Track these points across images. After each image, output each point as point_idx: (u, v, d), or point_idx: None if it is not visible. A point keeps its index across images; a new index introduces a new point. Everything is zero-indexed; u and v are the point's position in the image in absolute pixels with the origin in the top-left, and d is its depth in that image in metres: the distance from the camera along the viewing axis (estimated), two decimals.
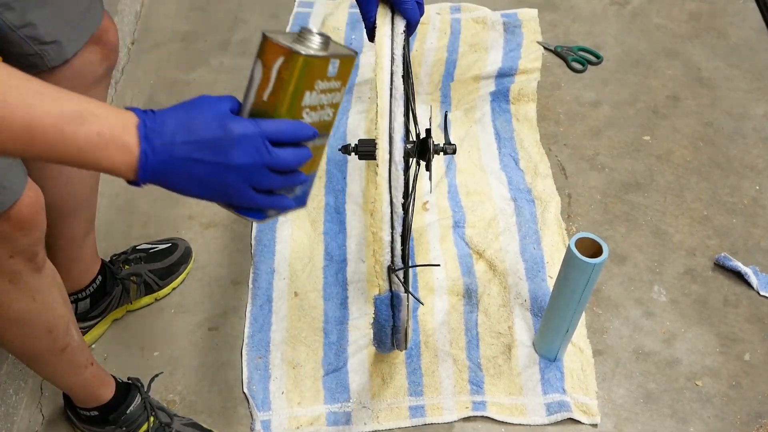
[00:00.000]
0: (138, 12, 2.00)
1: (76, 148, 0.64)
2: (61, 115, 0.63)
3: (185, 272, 1.45)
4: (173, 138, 0.68)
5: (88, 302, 1.31)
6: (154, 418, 1.19)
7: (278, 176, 0.73)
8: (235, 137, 0.70)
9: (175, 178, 0.69)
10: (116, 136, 0.65)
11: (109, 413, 1.16)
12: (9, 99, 0.61)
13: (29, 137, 0.62)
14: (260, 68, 0.75)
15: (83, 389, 1.13)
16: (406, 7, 0.99)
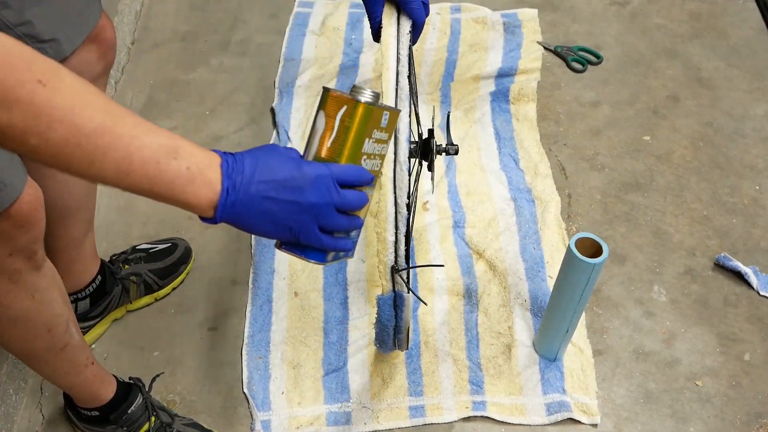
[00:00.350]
0: (138, 12, 2.00)
1: (167, 181, 0.67)
2: (159, 148, 0.66)
3: (185, 272, 1.45)
4: (252, 177, 0.72)
5: (87, 302, 1.31)
6: (155, 418, 1.19)
7: (343, 217, 0.78)
8: (309, 177, 0.75)
9: (250, 215, 0.73)
10: (203, 172, 0.69)
11: (110, 413, 1.16)
12: (117, 130, 0.63)
13: (128, 167, 0.64)
14: (323, 118, 0.82)
15: (84, 388, 1.13)
16: (413, 7, 1.00)
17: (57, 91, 0.59)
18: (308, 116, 1.72)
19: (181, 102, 1.79)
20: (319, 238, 0.77)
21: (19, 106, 0.57)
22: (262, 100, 1.79)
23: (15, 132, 0.59)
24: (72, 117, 0.60)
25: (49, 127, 0.59)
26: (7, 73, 0.57)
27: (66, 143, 0.61)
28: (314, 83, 1.80)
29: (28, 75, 0.58)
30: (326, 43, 1.90)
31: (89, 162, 0.63)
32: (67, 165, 0.63)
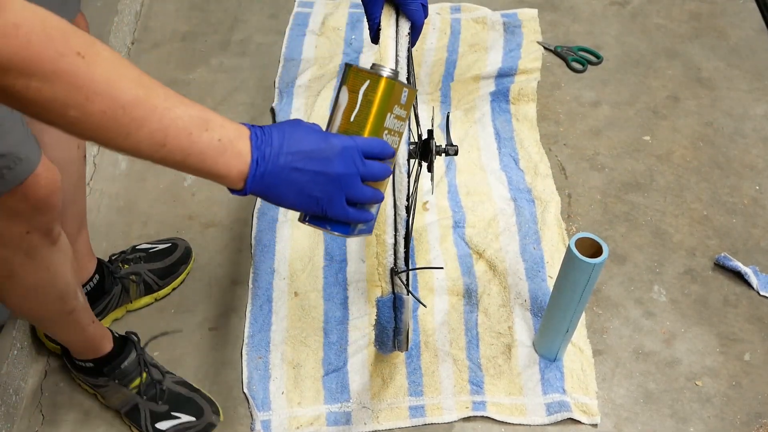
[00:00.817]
0: (138, 12, 2.00)
1: (198, 152, 0.68)
2: (191, 120, 0.67)
3: (185, 272, 1.45)
4: (280, 149, 0.73)
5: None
6: (147, 374, 1.23)
7: (368, 188, 0.79)
8: (336, 148, 0.76)
9: (279, 186, 0.74)
10: (233, 144, 0.70)
11: (103, 365, 1.21)
12: (151, 101, 0.64)
13: (162, 138, 0.65)
14: (346, 93, 0.83)
15: (85, 344, 1.19)
16: (412, 9, 1.00)
17: (95, 64, 0.60)
18: (308, 116, 1.72)
19: None
20: (345, 209, 0.78)
21: (60, 78, 0.58)
22: (262, 100, 1.79)
23: (56, 105, 0.59)
24: (109, 89, 0.61)
25: (88, 99, 0.60)
26: (47, 45, 0.57)
27: (103, 115, 0.62)
28: (314, 83, 1.80)
29: (67, 47, 0.58)
30: (326, 43, 1.90)
31: (125, 134, 0.64)
32: (104, 137, 0.64)
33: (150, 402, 1.22)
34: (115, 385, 1.21)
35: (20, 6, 0.56)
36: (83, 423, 1.27)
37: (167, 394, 1.24)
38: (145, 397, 1.22)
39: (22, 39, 0.56)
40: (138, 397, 1.22)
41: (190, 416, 1.23)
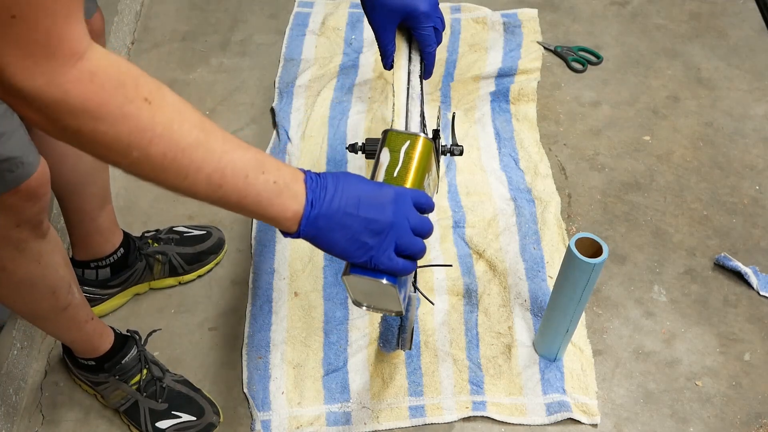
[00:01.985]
0: (138, 12, 2.00)
1: (255, 194, 0.70)
2: (247, 163, 0.69)
3: (213, 263, 1.47)
4: (334, 193, 0.75)
5: (108, 270, 1.35)
6: (147, 371, 1.24)
7: (419, 240, 0.79)
8: (390, 196, 0.78)
9: (331, 229, 0.75)
10: (289, 186, 0.72)
11: (104, 362, 1.21)
12: (210, 145, 0.66)
13: (219, 180, 0.68)
14: (387, 153, 0.87)
15: (84, 342, 1.19)
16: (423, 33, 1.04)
17: (160, 108, 0.63)
18: (308, 116, 1.72)
19: None
20: (393, 258, 0.78)
21: (127, 121, 0.61)
22: (262, 100, 1.79)
23: (120, 146, 0.62)
24: (171, 132, 0.64)
25: (151, 142, 0.62)
26: (118, 91, 0.60)
27: (164, 157, 0.64)
28: (314, 83, 1.80)
29: (136, 92, 0.61)
30: (326, 43, 1.90)
31: (184, 175, 0.66)
32: (162, 178, 0.66)
33: (150, 400, 1.23)
34: (115, 381, 1.22)
35: (99, 55, 0.59)
36: (83, 422, 1.27)
37: (167, 393, 1.24)
38: (145, 395, 1.23)
39: (97, 86, 0.58)
40: (138, 394, 1.23)
41: (191, 416, 1.23)
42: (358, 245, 0.76)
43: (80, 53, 0.57)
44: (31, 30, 0.54)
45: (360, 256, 0.77)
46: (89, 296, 1.35)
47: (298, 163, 1.63)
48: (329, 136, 1.68)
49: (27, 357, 1.33)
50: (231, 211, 0.72)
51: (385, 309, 0.87)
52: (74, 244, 1.32)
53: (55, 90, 0.57)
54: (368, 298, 0.85)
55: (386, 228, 0.77)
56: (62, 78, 0.56)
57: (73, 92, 0.57)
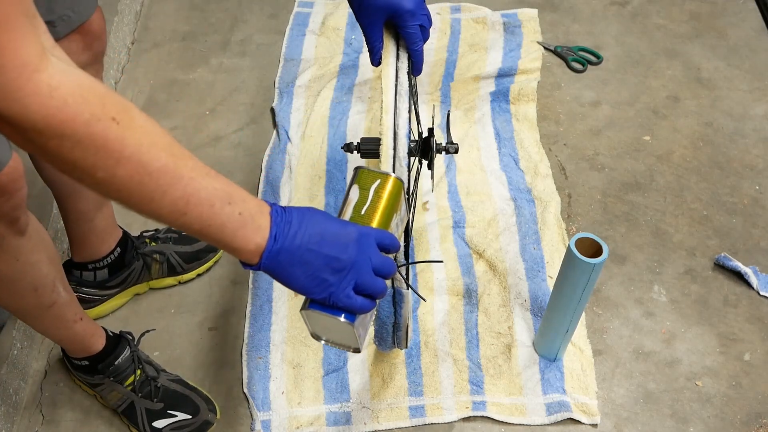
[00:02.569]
0: (138, 12, 2.00)
1: (219, 224, 0.70)
2: (214, 192, 0.69)
3: (212, 261, 1.47)
4: (298, 228, 0.74)
5: (106, 272, 1.35)
6: (141, 371, 1.24)
7: (379, 279, 0.80)
8: (353, 235, 0.78)
9: (292, 265, 0.75)
10: (254, 218, 0.72)
11: (98, 363, 1.21)
12: (178, 171, 0.66)
13: (184, 207, 0.67)
14: (357, 190, 0.87)
15: (73, 342, 1.19)
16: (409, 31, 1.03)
17: (128, 129, 0.62)
18: (308, 116, 1.72)
19: (181, 102, 1.79)
20: (350, 297, 0.78)
21: (93, 141, 0.60)
22: (262, 100, 1.79)
23: (85, 164, 0.61)
24: (139, 155, 0.63)
25: (118, 163, 0.62)
26: (83, 108, 0.58)
27: (130, 179, 0.63)
28: (314, 83, 1.80)
29: (103, 111, 0.60)
30: (326, 43, 1.90)
31: (149, 199, 0.65)
32: (127, 199, 0.65)
33: (145, 400, 1.23)
34: (110, 382, 1.22)
35: (57, 68, 0.58)
36: (83, 422, 1.27)
37: (162, 392, 1.24)
38: (140, 395, 1.23)
39: (57, 101, 0.57)
40: (133, 395, 1.23)
41: (186, 414, 1.24)
42: (318, 281, 0.76)
43: (33, 65, 0.56)
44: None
45: (319, 293, 0.77)
46: (89, 298, 1.35)
47: (298, 163, 1.63)
48: (329, 136, 1.68)
49: (27, 357, 1.33)
50: (194, 236, 0.72)
51: (343, 344, 0.87)
52: (72, 244, 1.32)
53: (13, 104, 0.55)
54: (326, 332, 0.86)
55: (347, 266, 0.77)
56: (19, 92, 0.55)
57: (32, 107, 0.56)
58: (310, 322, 0.84)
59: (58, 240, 1.47)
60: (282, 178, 1.60)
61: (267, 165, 1.64)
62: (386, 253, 0.82)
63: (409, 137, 1.00)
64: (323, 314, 0.80)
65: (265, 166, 1.64)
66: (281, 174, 1.61)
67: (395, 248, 0.83)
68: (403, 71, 1.03)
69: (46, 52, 0.58)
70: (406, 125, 0.98)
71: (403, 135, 0.96)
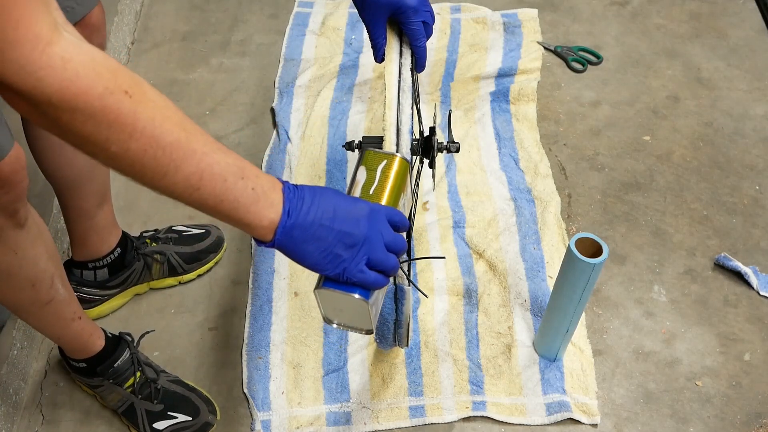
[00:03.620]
0: (138, 12, 2.00)
1: (232, 199, 0.70)
2: (227, 167, 0.69)
3: (212, 262, 1.47)
4: (311, 204, 0.75)
5: (106, 271, 1.34)
6: (141, 373, 1.23)
7: (391, 256, 0.80)
8: (365, 210, 0.78)
9: (305, 240, 0.75)
10: (267, 194, 0.72)
11: (97, 365, 1.20)
12: (191, 145, 0.66)
13: (197, 182, 0.67)
14: (364, 171, 0.88)
15: (71, 341, 1.18)
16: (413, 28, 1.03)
17: (141, 103, 0.62)
18: (308, 116, 1.72)
19: (181, 102, 1.79)
20: (365, 272, 0.78)
21: (106, 114, 0.59)
22: (262, 100, 1.79)
23: (99, 139, 0.61)
24: (152, 129, 0.63)
25: (131, 137, 0.62)
26: (95, 81, 0.58)
27: (144, 153, 0.63)
28: (314, 83, 1.80)
29: (115, 85, 0.60)
30: (326, 43, 1.90)
31: (162, 174, 0.65)
32: (140, 174, 0.65)
33: (145, 401, 1.23)
34: (109, 384, 1.22)
35: (69, 42, 0.58)
36: (83, 422, 1.27)
37: (162, 393, 1.24)
38: (140, 396, 1.23)
39: (71, 73, 0.57)
40: (133, 397, 1.23)
41: (187, 416, 1.23)
42: (331, 257, 0.77)
43: (46, 39, 0.56)
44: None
45: (332, 269, 0.78)
46: (89, 297, 1.35)
47: (298, 163, 1.63)
48: (329, 136, 1.68)
49: (27, 357, 1.33)
50: (207, 214, 0.71)
51: (356, 327, 0.87)
52: (73, 243, 1.32)
53: (27, 77, 0.56)
54: (339, 314, 0.86)
55: (360, 241, 0.77)
56: (33, 65, 0.55)
57: (47, 80, 0.56)
58: (323, 302, 0.84)
59: (58, 240, 1.47)
60: (282, 178, 1.60)
61: (267, 165, 1.64)
62: (396, 230, 0.82)
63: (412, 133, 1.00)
64: (337, 292, 0.79)
65: (265, 166, 1.64)
66: (281, 174, 1.61)
67: (405, 226, 0.83)
68: (406, 68, 1.03)
69: (59, 26, 0.58)
70: (409, 121, 0.98)
71: (406, 131, 0.96)
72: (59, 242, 1.47)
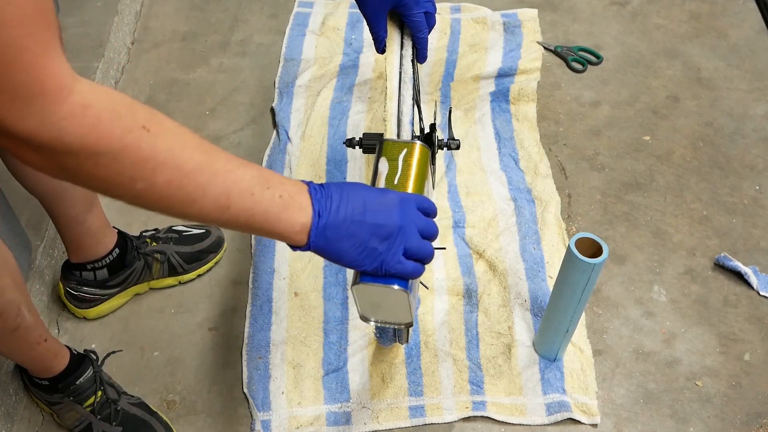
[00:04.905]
0: (138, 12, 2.00)
1: (262, 210, 0.69)
2: (251, 180, 0.68)
3: (212, 262, 1.46)
4: (339, 202, 0.74)
5: (105, 271, 1.34)
6: (102, 393, 1.21)
7: (427, 242, 0.79)
8: (395, 200, 0.77)
9: (340, 240, 0.74)
10: (294, 199, 0.72)
11: (58, 382, 1.18)
12: (214, 167, 0.65)
13: (226, 201, 0.67)
14: (385, 162, 0.88)
15: (36, 363, 1.16)
16: (414, 20, 1.01)
17: (159, 135, 0.61)
18: (308, 116, 1.72)
19: (181, 102, 1.79)
20: (401, 262, 0.78)
21: (128, 153, 0.59)
22: (262, 100, 1.79)
23: (123, 179, 0.61)
24: (173, 158, 0.62)
25: (155, 171, 0.61)
26: (116, 122, 0.58)
27: (169, 185, 0.63)
28: (314, 83, 1.80)
29: (133, 122, 0.60)
30: (326, 43, 1.90)
31: (191, 201, 0.65)
32: (169, 206, 0.65)
33: (104, 422, 1.20)
34: (69, 402, 1.19)
35: (86, 86, 0.57)
36: None
37: (122, 416, 1.21)
38: (99, 417, 1.20)
39: (92, 119, 0.57)
40: (92, 416, 1.19)
41: None
42: (368, 252, 0.76)
43: (68, 87, 0.56)
44: (11, 71, 0.53)
45: (370, 263, 0.77)
46: (89, 297, 1.35)
47: (297, 163, 1.63)
48: (329, 136, 1.68)
49: None
50: (241, 231, 0.71)
51: (394, 321, 0.86)
52: (68, 247, 1.31)
53: (48, 129, 0.55)
54: (377, 310, 0.85)
55: (394, 232, 0.76)
56: (55, 116, 0.55)
57: (68, 129, 0.56)
58: (361, 298, 0.83)
59: (58, 240, 1.46)
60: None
61: (267, 165, 1.64)
62: (427, 216, 0.82)
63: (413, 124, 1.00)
64: (375, 285, 0.78)
65: (265, 166, 1.64)
66: (281, 174, 1.61)
67: (434, 212, 0.83)
68: (407, 59, 1.03)
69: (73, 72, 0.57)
70: (409, 112, 0.98)
71: (407, 122, 0.96)
72: (59, 243, 1.47)
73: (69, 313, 1.39)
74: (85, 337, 1.38)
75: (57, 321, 1.39)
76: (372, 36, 1.03)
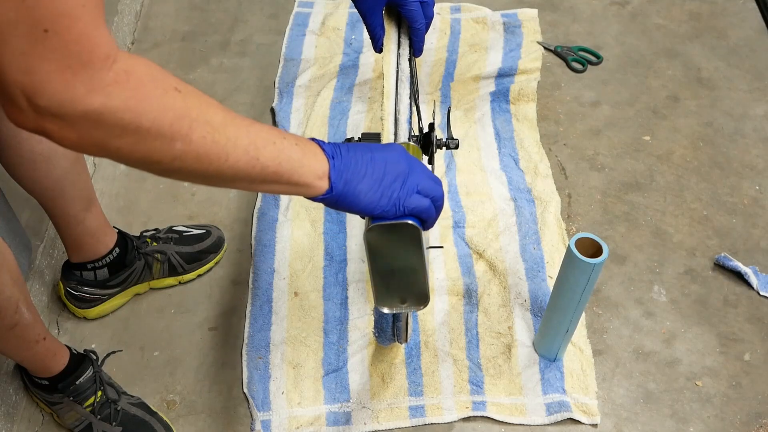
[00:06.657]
0: (138, 12, 2.00)
1: (287, 158, 0.71)
2: (269, 131, 0.71)
3: (213, 262, 1.46)
4: (347, 148, 0.77)
5: (106, 271, 1.34)
6: (102, 393, 1.21)
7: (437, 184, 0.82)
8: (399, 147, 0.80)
9: (356, 180, 0.76)
10: (308, 146, 0.74)
11: (58, 382, 1.18)
12: (236, 121, 0.68)
13: (255, 151, 0.69)
14: None
15: (35, 362, 1.16)
16: (409, 9, 1.00)
17: (188, 95, 0.65)
18: (308, 116, 1.72)
19: None
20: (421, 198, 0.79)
21: (167, 112, 0.62)
22: (262, 100, 1.79)
23: (164, 140, 0.63)
24: (204, 115, 0.66)
25: (191, 128, 0.64)
26: (154, 85, 0.62)
27: (204, 140, 0.65)
28: (314, 83, 1.80)
29: (168, 84, 0.63)
30: (326, 43, 1.90)
31: (225, 155, 0.67)
32: (207, 165, 0.66)
33: (104, 422, 1.20)
34: (69, 402, 1.19)
35: (128, 55, 0.60)
36: None
37: (122, 416, 1.21)
38: (99, 417, 1.20)
39: (135, 83, 0.60)
40: (92, 416, 1.20)
41: None
42: (383, 189, 0.77)
43: (113, 56, 0.58)
44: (65, 41, 0.55)
45: (387, 201, 0.77)
46: (89, 297, 1.35)
47: None
48: (329, 136, 1.68)
49: None
50: (268, 187, 0.72)
51: (410, 294, 0.85)
52: (67, 247, 1.31)
53: (96, 96, 0.57)
54: (390, 281, 0.83)
55: (406, 170, 0.78)
56: (101, 82, 0.57)
57: (114, 93, 0.58)
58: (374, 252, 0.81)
59: (58, 240, 1.47)
60: None
61: None
62: None
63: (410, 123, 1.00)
64: (390, 223, 0.78)
65: None
66: None
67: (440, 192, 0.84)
68: (405, 58, 1.02)
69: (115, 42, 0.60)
70: (406, 111, 0.98)
71: (404, 121, 0.96)
72: (59, 243, 1.47)
73: (69, 313, 1.39)
74: (85, 337, 1.38)
75: (57, 321, 1.39)
76: (368, 34, 1.03)
